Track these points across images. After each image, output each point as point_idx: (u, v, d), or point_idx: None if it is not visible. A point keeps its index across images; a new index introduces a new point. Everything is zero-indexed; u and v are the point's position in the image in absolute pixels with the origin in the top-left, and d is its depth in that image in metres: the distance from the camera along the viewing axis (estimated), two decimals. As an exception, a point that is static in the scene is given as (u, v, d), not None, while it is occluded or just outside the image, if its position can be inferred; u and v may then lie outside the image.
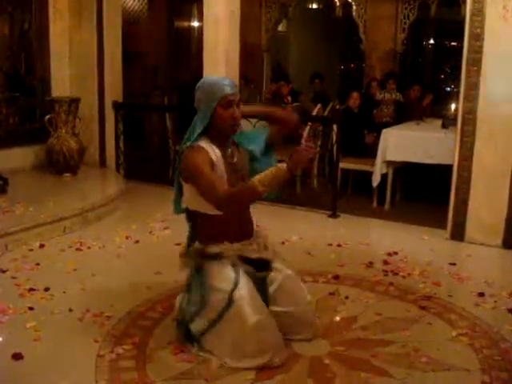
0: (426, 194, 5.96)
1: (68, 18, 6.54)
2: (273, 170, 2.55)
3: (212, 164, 2.72)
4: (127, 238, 4.63)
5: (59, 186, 5.82)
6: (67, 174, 6.09)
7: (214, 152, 2.76)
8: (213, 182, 2.63)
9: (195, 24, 9.86)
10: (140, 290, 3.56)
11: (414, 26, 8.75)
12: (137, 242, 4.56)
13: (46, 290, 3.54)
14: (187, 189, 2.81)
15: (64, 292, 3.53)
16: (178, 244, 4.38)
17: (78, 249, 4.37)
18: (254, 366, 2.66)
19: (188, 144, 2.77)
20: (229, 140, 2.86)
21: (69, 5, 6.54)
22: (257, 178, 2.55)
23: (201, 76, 5.91)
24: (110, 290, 3.61)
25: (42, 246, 4.37)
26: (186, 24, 10.04)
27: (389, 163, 5.72)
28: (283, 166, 2.53)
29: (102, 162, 6.77)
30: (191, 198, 2.82)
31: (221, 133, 2.79)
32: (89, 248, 4.40)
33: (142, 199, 5.95)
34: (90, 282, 3.72)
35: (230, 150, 2.85)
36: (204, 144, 2.76)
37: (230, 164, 2.82)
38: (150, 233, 4.80)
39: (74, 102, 6.13)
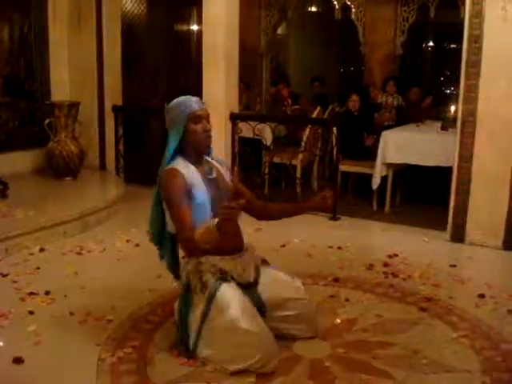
0: (426, 196, 5.96)
1: (67, 22, 6.56)
2: (209, 226, 2.54)
3: (187, 189, 2.74)
4: (127, 241, 4.63)
5: (59, 189, 5.82)
6: (67, 178, 6.09)
7: (190, 171, 2.80)
8: (181, 219, 2.68)
9: (195, 27, 9.86)
10: (141, 293, 3.56)
11: (413, 29, 8.75)
12: (137, 245, 4.56)
13: (47, 293, 3.54)
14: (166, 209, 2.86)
15: (65, 296, 3.53)
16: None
17: (78, 253, 4.37)
18: (249, 367, 2.65)
19: (164, 166, 2.84)
20: (204, 156, 2.92)
21: (68, 9, 6.56)
22: (197, 232, 2.57)
23: (201, 80, 5.94)
24: (111, 294, 3.61)
25: (42, 249, 4.37)
26: (185, 28, 10.05)
27: (389, 165, 5.73)
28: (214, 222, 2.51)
29: (102, 166, 6.78)
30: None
31: (196, 149, 2.85)
32: (89, 252, 4.40)
33: (142, 203, 5.91)
34: (91, 285, 3.72)
35: (207, 166, 2.89)
36: (180, 165, 2.80)
37: (210, 180, 2.85)
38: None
39: (74, 106, 6.14)
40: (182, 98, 2.91)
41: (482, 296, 3.62)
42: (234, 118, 5.87)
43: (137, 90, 8.28)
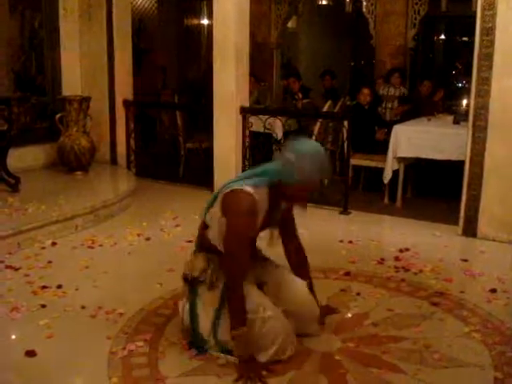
0: (438, 190, 5.93)
1: (78, 17, 6.57)
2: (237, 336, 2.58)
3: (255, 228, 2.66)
4: (139, 235, 4.65)
5: (71, 184, 5.85)
6: (78, 173, 6.11)
7: (260, 210, 2.64)
8: (239, 255, 2.61)
9: (205, 22, 9.86)
10: (152, 287, 3.58)
11: (424, 22, 8.70)
12: (148, 239, 4.57)
13: (59, 287, 3.56)
14: (222, 225, 2.65)
15: (76, 289, 3.55)
16: (190, 241, 4.40)
17: (89, 246, 4.40)
18: (268, 358, 2.67)
19: (243, 183, 2.62)
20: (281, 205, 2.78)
21: (79, 4, 6.56)
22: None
23: (211, 74, 5.93)
24: (122, 287, 3.63)
25: (54, 243, 4.39)
26: (195, 22, 10.05)
27: (400, 159, 5.70)
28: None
29: (113, 160, 6.80)
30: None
31: (285, 198, 2.70)
32: (101, 246, 4.42)
33: (153, 197, 5.97)
34: (102, 279, 3.74)
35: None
36: (258, 194, 2.60)
37: (270, 219, 2.75)
38: (162, 230, 4.81)
39: (85, 101, 6.16)
40: (322, 158, 2.60)
41: (493, 291, 3.60)
42: (245, 112, 5.87)
43: (147, 83, 8.31)
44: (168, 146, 7.68)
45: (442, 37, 9.64)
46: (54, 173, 6.19)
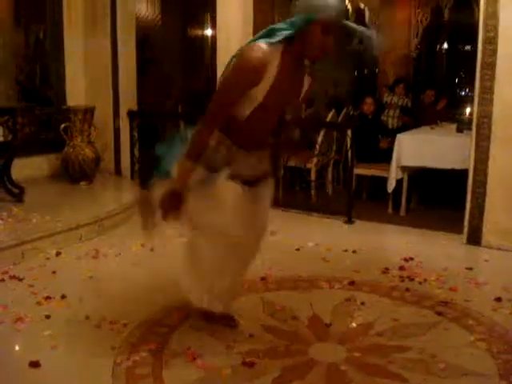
0: (442, 199, 5.92)
1: (82, 27, 6.60)
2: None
3: (252, 86, 2.45)
4: (142, 246, 4.64)
5: (75, 194, 5.86)
6: (83, 183, 6.13)
7: (271, 71, 2.44)
8: (217, 110, 2.54)
9: (209, 32, 9.90)
10: (156, 297, 3.57)
11: (427, 31, 8.73)
12: (152, 249, 4.57)
13: (63, 297, 3.56)
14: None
15: (80, 300, 3.54)
16: (194, 251, 4.40)
17: (94, 257, 4.40)
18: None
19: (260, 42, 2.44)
20: (303, 63, 2.58)
21: (83, 15, 6.60)
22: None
23: (215, 84, 5.95)
24: (127, 298, 3.62)
25: (58, 254, 4.39)
26: (199, 32, 10.09)
27: (404, 168, 5.69)
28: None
29: (118, 171, 6.81)
30: None
31: (303, 52, 2.49)
32: (105, 256, 4.42)
33: (157, 207, 5.96)
34: (107, 289, 3.74)
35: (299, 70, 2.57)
36: (272, 51, 2.43)
37: (295, 76, 2.56)
38: (166, 241, 4.80)
39: (89, 111, 6.18)
40: None
41: (498, 299, 3.59)
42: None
43: (151, 94, 8.33)
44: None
45: (445, 45, 9.65)
46: (59, 183, 6.20)
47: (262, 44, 2.43)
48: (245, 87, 2.47)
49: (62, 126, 6.10)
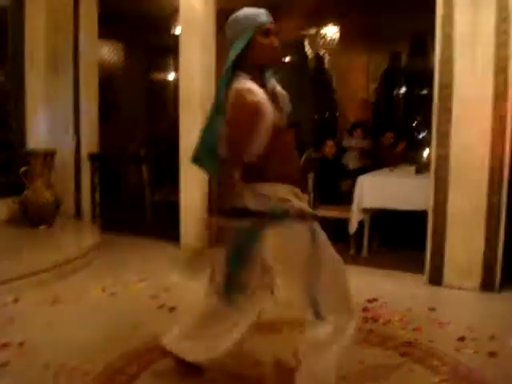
0: (404, 240, 5.99)
1: (44, 70, 6.59)
2: None
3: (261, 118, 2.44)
4: (103, 290, 4.56)
5: (34, 238, 5.75)
6: (42, 227, 6.02)
7: (259, 93, 2.46)
8: (237, 152, 2.47)
9: (171, 76, 9.99)
10: (117, 344, 3.49)
11: (385, 76, 8.97)
12: (113, 294, 4.49)
13: (21, 345, 3.44)
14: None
15: (39, 347, 3.43)
16: (155, 296, 4.35)
17: (53, 302, 4.28)
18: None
19: (224, 86, 2.49)
20: (264, 75, 2.60)
21: (45, 57, 6.60)
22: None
23: (178, 127, 5.98)
24: (87, 345, 3.52)
25: (16, 300, 4.27)
26: (162, 76, 10.18)
27: (365, 210, 5.76)
28: None
29: (78, 214, 6.73)
30: None
31: (257, 66, 2.54)
32: (64, 301, 4.31)
33: (117, 251, 5.89)
34: (66, 336, 3.63)
35: (270, 85, 2.59)
36: (251, 85, 2.46)
37: (275, 102, 2.58)
38: (126, 285, 4.73)
39: (50, 154, 6.12)
40: (249, 9, 2.55)
41: (461, 339, 3.61)
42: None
43: (114, 137, 8.31)
44: (134, 199, 7.64)
45: (403, 90, 9.93)
46: (18, 227, 6.07)
47: (241, 89, 2.44)
48: (257, 121, 2.44)
49: (22, 169, 6.01)
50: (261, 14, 2.51)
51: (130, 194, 8.12)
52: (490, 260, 4.57)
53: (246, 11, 2.54)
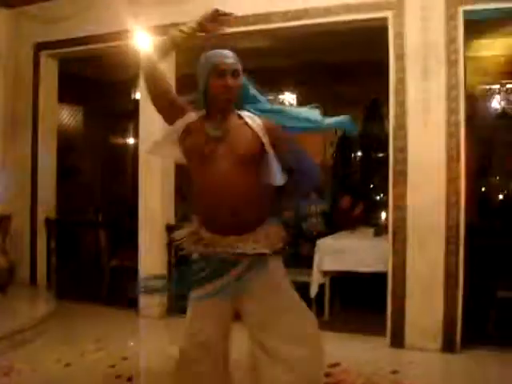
0: (365, 302, 5.99)
1: (2, 135, 6.51)
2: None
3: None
4: (58, 360, 4.39)
5: (-14, 307, 5.54)
6: (-5, 294, 5.82)
7: (191, 116, 2.61)
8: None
9: (131, 141, 10.02)
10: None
11: (342, 140, 9.17)
12: (68, 365, 4.32)
13: (-32, 422, 3.27)
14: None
15: (-12, 424, 3.26)
16: (113, 366, 4.21)
17: (5, 374, 4.09)
18: None
19: None
20: (226, 115, 2.62)
21: (3, 120, 6.52)
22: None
23: (137, 192, 5.95)
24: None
25: (-35, 373, 4.08)
26: (121, 140, 10.21)
27: (325, 273, 5.76)
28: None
29: (33, 280, 6.53)
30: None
31: (215, 106, 2.60)
32: (18, 373, 4.13)
33: (74, 319, 5.71)
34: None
35: (219, 123, 2.60)
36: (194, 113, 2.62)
37: (212, 137, 2.57)
38: (83, 355, 4.57)
39: (5, 219, 5.99)
40: (212, 52, 2.62)
41: (425, 403, 3.58)
42: (170, 230, 5.84)
43: (71, 201, 8.21)
44: (91, 265, 7.48)
45: (359, 154, 10.15)
46: (-32, 295, 5.86)
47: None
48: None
49: (-25, 235, 5.86)
50: (216, 55, 2.57)
51: (87, 259, 7.96)
52: (451, 321, 4.59)
53: (208, 54, 2.61)
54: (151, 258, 5.80)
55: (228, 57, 2.57)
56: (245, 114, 2.66)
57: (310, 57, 7.76)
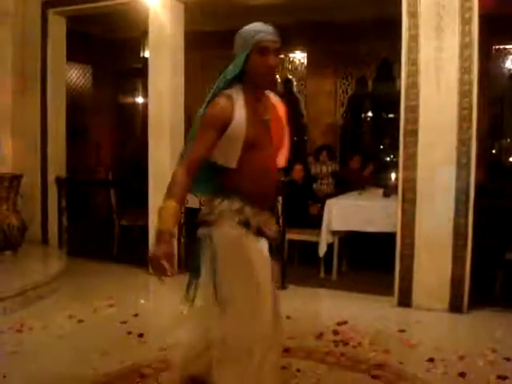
0: (373, 262, 6.03)
1: (11, 94, 6.50)
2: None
3: (225, 124, 2.42)
4: (70, 317, 4.47)
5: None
6: (8, 252, 5.89)
7: (240, 105, 2.46)
8: (194, 151, 2.43)
9: (140, 100, 9.97)
10: (85, 372, 3.41)
11: (352, 100, 9.09)
12: (81, 321, 4.40)
13: (-16, 375, 3.35)
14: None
15: (4, 377, 3.34)
16: (124, 322, 4.29)
17: (18, 330, 4.18)
18: None
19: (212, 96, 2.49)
20: (263, 93, 2.58)
21: (12, 80, 6.51)
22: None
23: (146, 151, 5.96)
24: (53, 374, 3.44)
25: (-21, 328, 4.16)
26: (131, 99, 10.15)
27: (334, 233, 5.79)
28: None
29: (45, 239, 6.61)
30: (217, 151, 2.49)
31: (254, 83, 2.51)
32: (30, 329, 4.21)
33: (85, 277, 5.79)
34: (32, 365, 3.54)
35: (263, 104, 2.56)
36: (233, 92, 2.48)
37: (262, 121, 2.53)
38: (94, 311, 4.65)
39: (16, 179, 6.02)
40: (254, 25, 2.50)
41: (431, 360, 3.63)
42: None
43: (82, 160, 8.24)
44: (102, 224, 7.55)
45: (370, 114, 10.07)
46: (-19, 253, 5.94)
47: (221, 95, 2.46)
48: (216, 124, 2.42)
49: (-13, 194, 5.90)
50: (261, 31, 2.46)
51: (98, 218, 8.02)
52: (458, 281, 4.62)
53: (250, 26, 2.50)
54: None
55: (272, 33, 2.48)
56: (270, 94, 2.65)
57: (321, 15, 7.63)
